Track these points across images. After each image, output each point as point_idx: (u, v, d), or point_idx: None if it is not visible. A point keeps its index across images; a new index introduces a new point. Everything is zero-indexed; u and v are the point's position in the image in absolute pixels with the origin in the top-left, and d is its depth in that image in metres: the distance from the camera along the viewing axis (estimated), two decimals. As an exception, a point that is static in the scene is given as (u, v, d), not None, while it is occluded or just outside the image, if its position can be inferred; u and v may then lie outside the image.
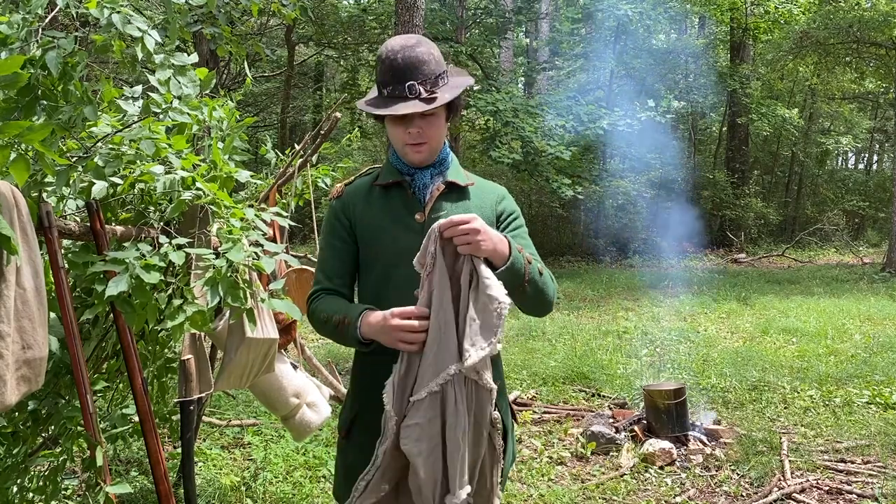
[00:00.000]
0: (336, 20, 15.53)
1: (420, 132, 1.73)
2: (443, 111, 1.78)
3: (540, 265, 1.75)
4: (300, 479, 3.70)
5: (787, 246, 17.56)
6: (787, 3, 15.96)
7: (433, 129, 1.76)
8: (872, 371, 5.92)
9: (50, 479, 2.22)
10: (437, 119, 1.76)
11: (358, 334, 1.68)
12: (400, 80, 1.69)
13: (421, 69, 1.70)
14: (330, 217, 1.87)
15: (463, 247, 1.60)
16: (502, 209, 1.87)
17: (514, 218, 1.88)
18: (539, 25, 19.18)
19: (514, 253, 1.66)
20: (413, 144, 1.76)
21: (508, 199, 1.91)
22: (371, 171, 1.92)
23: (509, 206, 1.89)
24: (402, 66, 1.69)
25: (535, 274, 1.71)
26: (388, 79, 1.71)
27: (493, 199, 1.87)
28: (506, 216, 1.87)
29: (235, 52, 5.14)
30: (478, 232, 1.58)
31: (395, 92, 1.70)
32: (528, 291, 1.70)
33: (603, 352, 6.85)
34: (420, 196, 1.81)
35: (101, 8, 2.03)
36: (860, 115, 23.40)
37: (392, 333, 1.62)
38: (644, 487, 3.81)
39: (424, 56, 1.71)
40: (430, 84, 1.70)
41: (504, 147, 12.29)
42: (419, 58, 1.70)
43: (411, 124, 1.73)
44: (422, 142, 1.75)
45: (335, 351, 6.57)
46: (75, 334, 1.91)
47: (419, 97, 1.69)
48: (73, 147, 2.14)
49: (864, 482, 3.76)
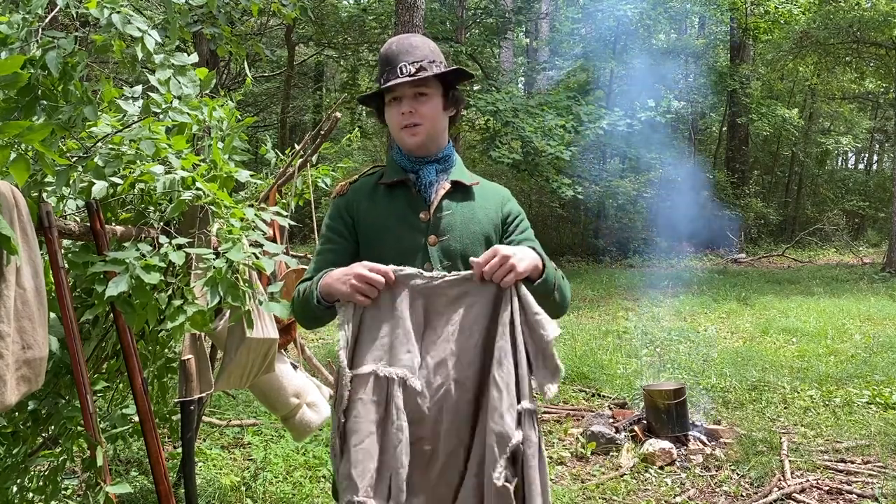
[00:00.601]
0: (336, 20, 15.53)
1: (412, 112, 1.75)
2: (437, 95, 1.79)
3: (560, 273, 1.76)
4: (300, 479, 3.70)
5: (787, 246, 17.56)
6: (787, 3, 15.96)
7: (426, 108, 1.77)
8: (872, 371, 5.92)
9: (50, 479, 2.22)
10: (430, 100, 1.77)
11: (317, 291, 1.66)
12: (392, 63, 1.75)
13: (412, 52, 1.75)
14: (332, 213, 1.87)
15: (507, 278, 1.58)
16: (508, 211, 1.87)
17: (521, 220, 1.88)
18: (539, 25, 19.18)
19: (546, 262, 1.67)
20: (407, 127, 1.76)
21: (512, 200, 1.91)
22: (375, 170, 1.92)
23: (514, 207, 1.89)
24: (396, 51, 1.76)
25: (560, 278, 1.73)
26: (384, 67, 1.77)
27: (498, 200, 1.88)
28: (512, 218, 1.87)
29: (235, 52, 5.14)
30: (509, 258, 1.57)
31: (388, 77, 1.75)
32: (556, 298, 1.72)
33: (603, 352, 6.85)
34: (425, 195, 1.80)
35: (101, 8, 2.03)
36: (860, 115, 23.40)
37: (354, 281, 1.58)
38: (644, 487, 3.81)
39: (417, 43, 1.78)
40: (420, 64, 1.74)
41: (504, 147, 12.28)
42: (412, 44, 1.77)
43: (403, 103, 1.76)
44: (416, 123, 1.76)
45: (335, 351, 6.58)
46: (75, 334, 1.91)
47: (408, 75, 1.73)
48: (73, 147, 2.14)
49: (864, 482, 3.76)
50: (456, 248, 1.76)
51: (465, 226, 1.79)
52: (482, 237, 1.80)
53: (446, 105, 1.82)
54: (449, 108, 1.84)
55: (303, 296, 1.74)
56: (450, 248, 1.76)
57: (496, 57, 18.36)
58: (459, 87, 1.86)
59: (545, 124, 12.03)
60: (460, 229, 1.78)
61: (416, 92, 1.75)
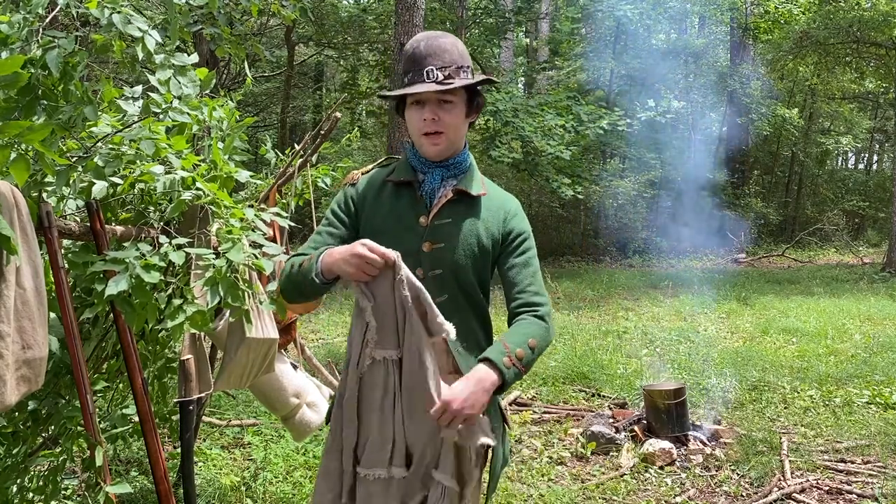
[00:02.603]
0: (336, 20, 15.52)
1: (435, 119, 1.72)
2: (461, 103, 1.75)
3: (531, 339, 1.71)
4: (300, 479, 3.70)
5: (787, 246, 17.57)
6: (787, 3, 15.97)
7: (450, 117, 1.73)
8: (872, 371, 5.92)
9: (50, 479, 2.22)
10: (455, 108, 1.74)
11: (318, 266, 1.65)
12: (420, 65, 1.70)
13: (441, 56, 1.70)
14: (339, 199, 1.86)
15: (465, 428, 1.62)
16: (510, 229, 1.82)
17: (522, 241, 1.82)
18: (539, 25, 19.19)
19: (504, 373, 1.64)
20: (429, 134, 1.73)
21: (519, 216, 1.85)
22: (388, 163, 1.89)
23: (518, 225, 1.83)
24: (424, 52, 1.71)
25: (530, 359, 1.70)
26: (410, 66, 1.72)
27: (502, 215, 1.82)
28: (513, 238, 1.82)
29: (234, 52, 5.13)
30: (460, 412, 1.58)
31: (413, 78, 1.71)
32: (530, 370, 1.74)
33: (603, 352, 6.85)
34: (427, 200, 1.79)
35: (102, 8, 2.03)
36: (860, 115, 23.41)
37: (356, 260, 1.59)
38: (644, 487, 3.81)
39: (447, 46, 1.73)
40: (448, 70, 1.70)
41: (504, 147, 12.28)
42: (441, 46, 1.72)
43: (427, 109, 1.72)
44: (438, 130, 1.73)
45: (335, 351, 6.57)
46: (75, 334, 1.91)
47: (436, 81, 1.69)
48: (73, 147, 2.14)
49: (864, 482, 3.76)
50: (448, 258, 1.75)
51: (462, 237, 1.76)
52: (477, 251, 1.77)
53: (469, 112, 1.79)
54: (471, 115, 1.81)
55: (299, 268, 1.71)
56: (443, 257, 1.75)
57: (496, 57, 18.36)
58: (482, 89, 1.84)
59: (545, 124, 12.03)
60: (456, 240, 1.76)
61: (442, 99, 1.72)
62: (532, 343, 1.70)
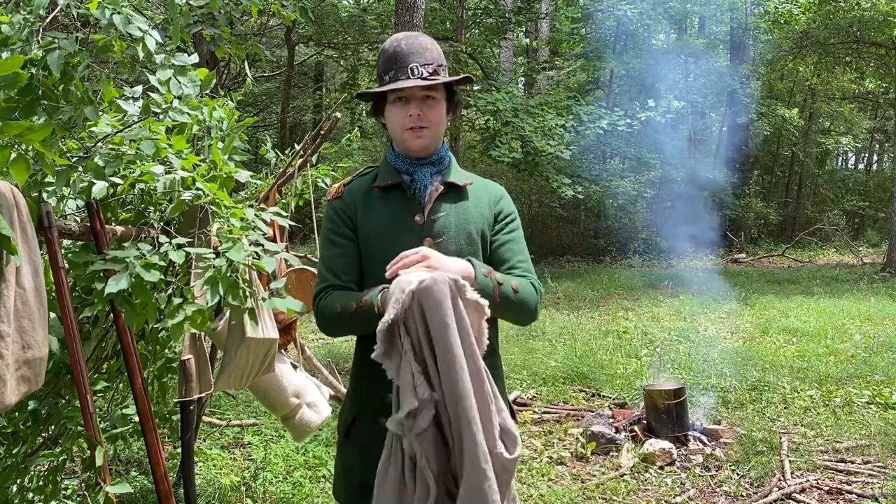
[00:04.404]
0: (336, 20, 15.52)
1: (421, 115, 1.75)
2: (443, 100, 1.79)
3: (515, 282, 1.72)
4: (300, 479, 3.70)
5: (787, 246, 17.56)
6: (787, 3, 15.96)
7: (433, 114, 1.77)
8: (872, 371, 5.92)
9: (50, 479, 2.22)
10: (438, 105, 1.78)
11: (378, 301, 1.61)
12: (403, 62, 1.73)
13: (423, 53, 1.74)
14: (331, 216, 1.85)
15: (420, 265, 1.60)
16: (500, 209, 1.87)
17: (511, 220, 1.88)
18: (539, 25, 19.18)
19: (480, 279, 1.65)
20: (413, 129, 1.76)
21: (506, 199, 1.91)
22: (369, 171, 1.91)
23: (506, 206, 1.89)
24: (406, 50, 1.74)
25: (509, 293, 1.69)
26: (391, 64, 1.74)
27: (492, 198, 1.88)
28: (502, 217, 1.87)
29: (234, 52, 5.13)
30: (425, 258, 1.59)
31: (396, 75, 1.73)
32: (501, 310, 1.70)
33: (603, 352, 6.85)
34: (420, 197, 1.81)
35: (102, 8, 2.03)
36: (860, 115, 23.43)
37: None
38: (644, 487, 3.81)
39: (428, 44, 1.77)
40: (432, 67, 1.73)
41: (504, 147, 12.28)
42: (423, 45, 1.75)
43: (412, 105, 1.75)
44: (422, 126, 1.76)
45: (335, 351, 6.58)
46: (75, 334, 1.91)
47: (421, 77, 1.71)
48: (73, 147, 2.13)
49: (864, 482, 3.76)
50: (451, 250, 1.76)
51: (459, 226, 1.79)
52: (477, 236, 1.80)
53: (449, 109, 1.83)
54: (450, 112, 1.84)
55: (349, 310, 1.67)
56: (446, 249, 1.75)
57: (496, 57, 18.35)
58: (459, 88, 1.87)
59: (545, 124, 12.02)
60: (455, 230, 1.78)
61: (426, 95, 1.75)
62: (515, 286, 1.72)
